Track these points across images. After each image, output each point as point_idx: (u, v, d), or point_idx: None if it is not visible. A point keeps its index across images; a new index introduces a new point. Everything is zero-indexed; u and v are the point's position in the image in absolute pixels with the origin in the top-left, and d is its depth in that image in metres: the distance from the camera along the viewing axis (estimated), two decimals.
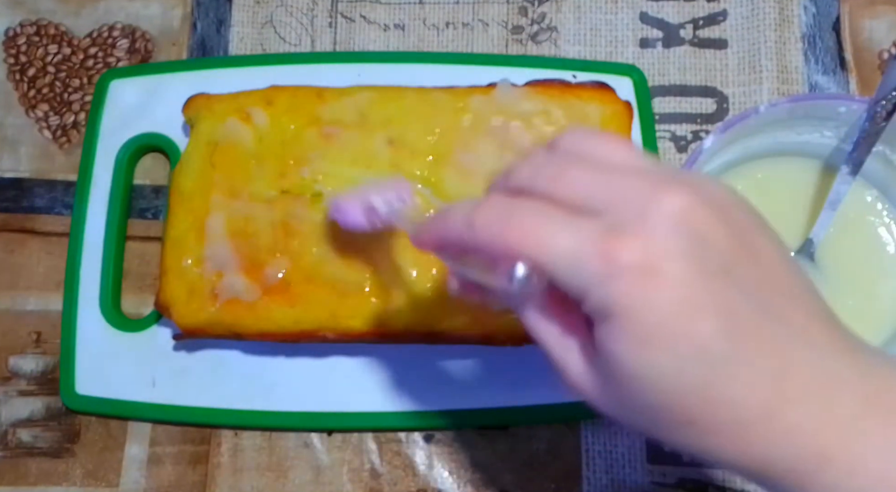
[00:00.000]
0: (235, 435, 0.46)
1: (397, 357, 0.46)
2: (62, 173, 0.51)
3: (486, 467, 0.46)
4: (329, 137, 0.45)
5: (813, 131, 0.43)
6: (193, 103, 0.47)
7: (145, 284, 0.49)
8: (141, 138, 0.50)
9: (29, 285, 0.49)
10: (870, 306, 0.43)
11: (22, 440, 0.47)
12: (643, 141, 0.49)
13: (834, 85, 0.51)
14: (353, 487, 0.45)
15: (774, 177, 0.45)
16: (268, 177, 0.45)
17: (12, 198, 0.51)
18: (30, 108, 0.53)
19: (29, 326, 0.49)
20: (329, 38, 0.53)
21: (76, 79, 0.53)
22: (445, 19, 0.53)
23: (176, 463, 0.46)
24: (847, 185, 0.41)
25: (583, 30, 0.53)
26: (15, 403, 0.47)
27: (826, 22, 0.53)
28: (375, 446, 0.46)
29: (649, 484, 0.45)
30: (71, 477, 0.46)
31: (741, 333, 0.23)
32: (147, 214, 0.50)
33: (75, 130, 0.52)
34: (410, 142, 0.45)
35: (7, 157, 0.52)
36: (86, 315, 0.47)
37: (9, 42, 0.54)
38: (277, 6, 0.54)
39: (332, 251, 0.43)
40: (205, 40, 0.53)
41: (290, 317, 0.43)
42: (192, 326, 0.43)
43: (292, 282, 0.43)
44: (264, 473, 0.46)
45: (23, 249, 0.50)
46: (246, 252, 0.43)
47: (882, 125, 0.40)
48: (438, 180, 0.44)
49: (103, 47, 0.54)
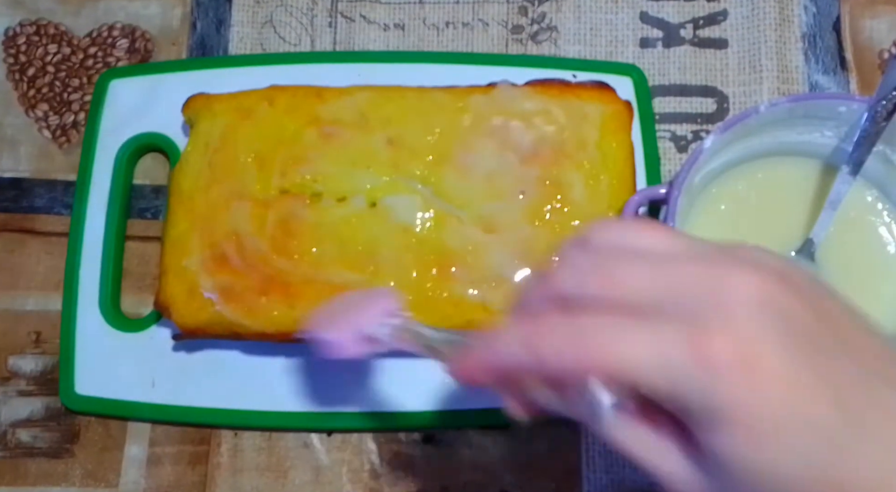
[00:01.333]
0: (235, 435, 0.46)
1: (397, 357, 0.46)
2: (62, 173, 0.51)
3: (486, 467, 0.45)
4: (329, 137, 0.45)
5: (813, 131, 0.43)
6: (193, 103, 0.47)
7: (145, 284, 0.49)
8: (140, 138, 0.50)
9: (29, 285, 0.49)
10: (870, 306, 0.42)
11: (21, 440, 0.47)
12: (643, 141, 0.49)
13: (834, 85, 0.51)
14: (353, 487, 0.45)
15: (774, 177, 0.45)
16: (267, 177, 0.45)
17: (12, 198, 0.51)
18: (29, 107, 0.53)
19: (28, 326, 0.49)
20: (329, 37, 0.53)
21: (76, 78, 0.53)
22: (445, 19, 0.53)
23: (175, 463, 0.46)
24: (847, 185, 0.41)
25: (583, 29, 0.53)
26: (14, 403, 0.47)
27: (826, 21, 0.53)
28: (375, 446, 0.46)
29: (649, 484, 0.45)
30: (70, 477, 0.46)
31: (856, 406, 0.22)
32: (147, 214, 0.50)
33: (75, 130, 0.52)
34: (410, 142, 0.45)
35: (7, 157, 0.52)
36: (85, 315, 0.47)
37: (8, 42, 0.54)
38: (277, 6, 0.54)
39: (332, 251, 0.43)
40: (205, 40, 0.53)
41: (290, 317, 0.42)
42: (191, 326, 0.43)
43: (292, 282, 0.43)
44: (264, 473, 0.46)
45: (22, 249, 0.50)
46: (246, 252, 0.43)
47: (882, 125, 0.40)
48: (438, 180, 0.44)
49: (103, 47, 0.54)
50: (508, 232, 0.43)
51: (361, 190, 0.44)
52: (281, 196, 0.44)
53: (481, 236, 0.43)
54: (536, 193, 0.44)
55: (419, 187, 0.44)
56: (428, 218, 0.44)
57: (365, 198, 0.44)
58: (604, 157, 0.45)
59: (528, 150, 0.44)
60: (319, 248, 0.43)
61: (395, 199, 0.44)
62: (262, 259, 0.43)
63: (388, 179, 0.44)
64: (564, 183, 0.44)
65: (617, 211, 0.44)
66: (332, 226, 0.43)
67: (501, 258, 0.43)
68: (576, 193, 0.44)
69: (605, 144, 0.45)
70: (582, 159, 0.44)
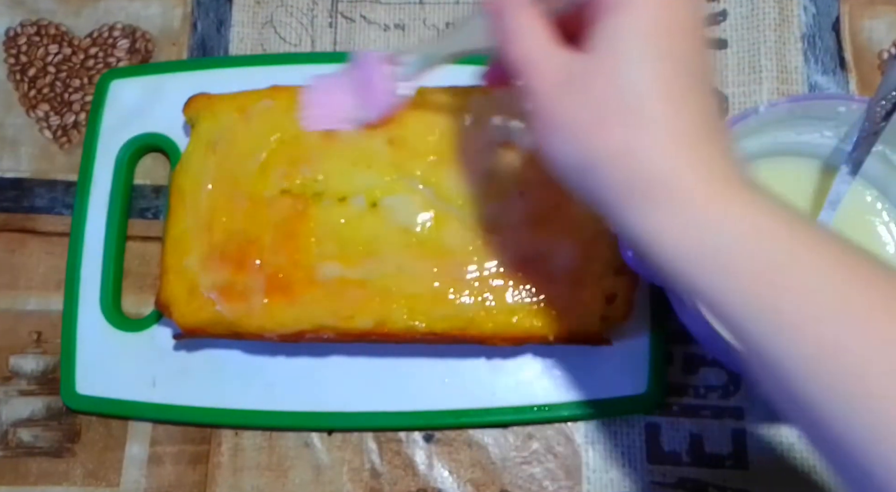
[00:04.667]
0: (235, 435, 0.47)
1: (397, 357, 0.46)
2: (62, 173, 0.51)
3: (486, 467, 0.46)
4: (329, 137, 0.45)
5: (813, 131, 0.43)
6: (194, 103, 0.47)
7: (145, 284, 0.49)
8: (141, 138, 0.50)
9: (29, 285, 0.49)
10: None
11: (22, 440, 0.47)
12: None
13: (834, 85, 0.52)
14: (353, 487, 0.46)
15: (774, 177, 0.44)
16: (268, 177, 0.45)
17: (12, 198, 0.51)
18: (30, 108, 0.53)
19: (29, 326, 0.49)
20: (329, 38, 0.53)
21: (76, 79, 0.53)
22: (445, 19, 0.53)
23: (176, 463, 0.46)
24: (847, 185, 0.41)
25: None
26: (15, 402, 0.47)
27: (826, 22, 0.53)
28: (375, 446, 0.46)
29: (649, 484, 0.45)
30: (71, 477, 0.46)
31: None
32: (147, 214, 0.50)
33: (75, 130, 0.52)
34: (411, 142, 0.45)
35: (7, 157, 0.52)
36: (86, 315, 0.48)
37: (9, 42, 0.54)
38: (277, 6, 0.54)
39: (332, 251, 0.43)
40: (205, 40, 0.54)
41: (290, 317, 0.43)
42: (192, 325, 0.43)
43: (292, 282, 0.43)
44: (264, 472, 0.46)
45: (23, 249, 0.50)
46: (246, 252, 0.43)
47: (882, 125, 0.40)
48: (438, 180, 0.44)
49: (103, 47, 0.54)
50: (508, 232, 0.43)
51: (362, 190, 0.44)
52: (281, 196, 0.44)
53: (481, 236, 0.43)
54: (536, 194, 0.44)
55: (419, 187, 0.44)
56: (428, 218, 0.44)
57: (365, 198, 0.44)
58: None
59: (528, 150, 0.44)
60: (320, 248, 0.43)
61: (395, 199, 0.44)
62: (262, 259, 0.43)
63: (389, 179, 0.44)
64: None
65: None
66: (333, 226, 0.44)
67: (501, 258, 0.43)
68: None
69: None
70: None
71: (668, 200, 0.27)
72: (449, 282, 0.43)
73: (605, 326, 0.43)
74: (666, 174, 0.27)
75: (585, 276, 0.43)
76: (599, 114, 0.28)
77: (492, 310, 0.42)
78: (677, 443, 0.46)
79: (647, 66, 0.28)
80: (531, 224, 0.44)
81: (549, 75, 0.30)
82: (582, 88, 0.28)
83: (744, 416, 0.46)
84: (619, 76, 0.28)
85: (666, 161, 0.27)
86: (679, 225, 0.27)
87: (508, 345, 0.43)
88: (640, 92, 0.28)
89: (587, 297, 0.43)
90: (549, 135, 0.30)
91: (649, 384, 0.45)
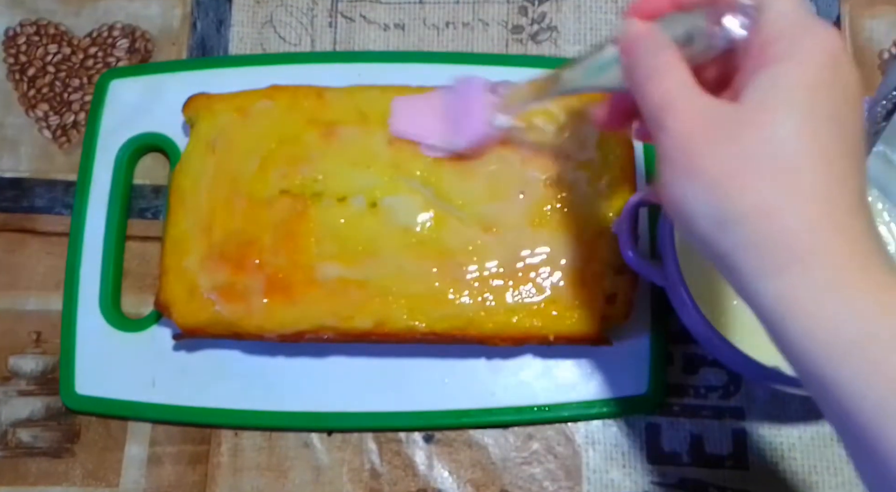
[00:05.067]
0: (235, 435, 0.46)
1: (397, 357, 0.46)
2: (62, 173, 0.51)
3: (486, 467, 0.46)
4: (329, 137, 0.45)
5: None
6: (193, 103, 0.47)
7: (145, 284, 0.49)
8: (141, 138, 0.50)
9: (29, 285, 0.49)
10: None
11: (22, 440, 0.47)
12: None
13: None
14: (353, 487, 0.45)
15: None
16: (268, 177, 0.45)
17: (12, 198, 0.51)
18: (30, 107, 0.53)
19: (29, 326, 0.49)
20: (329, 37, 0.53)
21: (76, 79, 0.53)
22: (445, 19, 0.53)
23: (176, 463, 0.46)
24: None
25: (583, 29, 0.53)
26: (15, 403, 0.47)
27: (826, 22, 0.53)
28: (375, 446, 0.46)
29: (649, 484, 0.45)
30: (71, 477, 0.46)
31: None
32: (147, 214, 0.50)
33: (75, 130, 0.52)
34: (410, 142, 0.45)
35: (7, 157, 0.52)
36: (86, 315, 0.47)
37: (9, 42, 0.54)
38: (277, 6, 0.54)
39: (332, 251, 0.43)
40: (205, 40, 0.53)
41: (290, 317, 0.43)
42: (192, 325, 0.43)
43: (292, 282, 0.43)
44: (264, 473, 0.46)
45: (23, 249, 0.50)
46: (246, 252, 0.43)
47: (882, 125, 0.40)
48: (438, 180, 0.44)
49: (103, 47, 0.54)
50: (508, 232, 0.43)
51: (362, 190, 0.44)
52: (281, 196, 0.44)
53: (481, 236, 0.43)
54: (536, 194, 0.44)
55: (419, 187, 0.44)
56: (428, 218, 0.44)
57: (365, 198, 0.44)
58: (604, 157, 0.45)
59: (528, 150, 0.44)
60: (319, 248, 0.43)
61: (395, 199, 0.44)
62: (262, 259, 0.43)
63: (389, 179, 0.44)
64: (564, 183, 0.44)
65: (617, 211, 0.44)
66: (333, 226, 0.44)
67: (501, 258, 0.43)
68: (576, 193, 0.44)
69: (604, 144, 0.45)
70: (582, 159, 0.44)
71: (810, 273, 0.25)
72: (449, 282, 0.43)
73: (605, 326, 0.43)
74: (814, 244, 0.25)
75: (585, 276, 0.43)
76: (746, 167, 0.26)
77: (492, 310, 0.42)
78: (677, 443, 0.46)
79: (806, 123, 0.26)
80: (531, 224, 0.44)
81: (691, 120, 0.27)
82: (729, 138, 0.26)
83: (744, 416, 0.46)
84: (773, 130, 0.26)
85: (814, 229, 0.25)
86: (825, 304, 0.24)
87: (508, 345, 0.43)
88: (794, 150, 0.26)
89: (587, 297, 0.43)
90: (686, 182, 0.27)
91: (649, 384, 0.45)
